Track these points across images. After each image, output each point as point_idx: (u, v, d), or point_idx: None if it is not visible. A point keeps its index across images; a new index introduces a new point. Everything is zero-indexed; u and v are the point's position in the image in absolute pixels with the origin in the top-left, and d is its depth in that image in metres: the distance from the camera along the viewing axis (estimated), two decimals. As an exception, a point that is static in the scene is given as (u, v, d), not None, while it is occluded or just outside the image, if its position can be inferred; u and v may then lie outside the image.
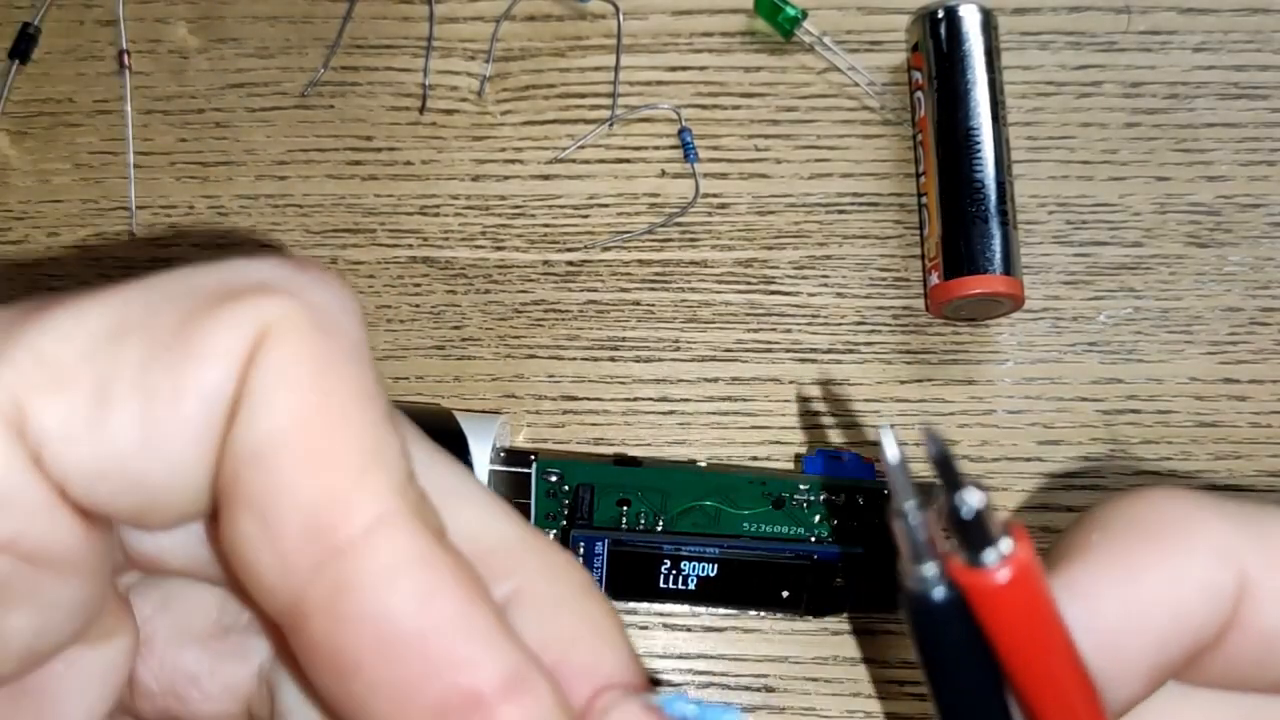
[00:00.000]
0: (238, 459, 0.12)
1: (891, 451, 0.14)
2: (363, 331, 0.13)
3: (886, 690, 0.32)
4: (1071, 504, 0.34)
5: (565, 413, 0.35)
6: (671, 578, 0.30)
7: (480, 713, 0.12)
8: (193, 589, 0.16)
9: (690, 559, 0.30)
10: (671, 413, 0.35)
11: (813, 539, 0.31)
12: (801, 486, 0.31)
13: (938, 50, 0.35)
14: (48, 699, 0.14)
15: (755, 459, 0.34)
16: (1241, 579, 0.15)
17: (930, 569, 0.14)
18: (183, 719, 0.16)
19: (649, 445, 0.34)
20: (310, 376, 0.12)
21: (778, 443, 0.34)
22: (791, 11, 0.37)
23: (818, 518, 0.31)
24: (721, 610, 0.33)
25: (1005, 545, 0.14)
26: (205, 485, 0.13)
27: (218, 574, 0.15)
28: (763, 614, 0.33)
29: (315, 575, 0.12)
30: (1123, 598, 0.15)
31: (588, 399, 0.35)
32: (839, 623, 0.33)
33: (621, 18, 0.38)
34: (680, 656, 0.33)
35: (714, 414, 0.35)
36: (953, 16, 0.35)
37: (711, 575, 0.30)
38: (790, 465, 0.34)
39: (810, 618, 0.32)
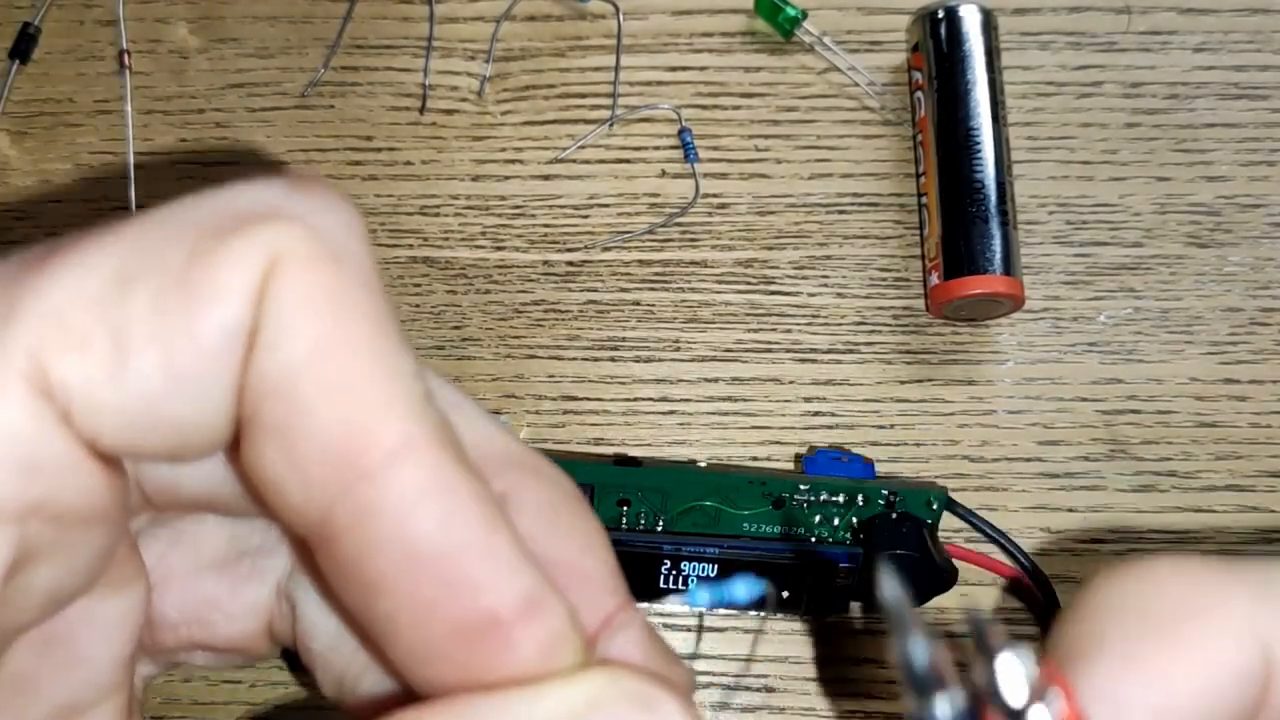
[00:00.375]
0: (258, 390, 0.12)
1: (890, 588, 0.14)
2: (370, 253, 0.13)
3: (886, 690, 0.32)
4: (1072, 504, 0.34)
5: (565, 413, 0.35)
6: (671, 578, 0.30)
7: (498, 633, 0.13)
8: (201, 523, 0.16)
9: (690, 559, 0.30)
10: (671, 413, 0.35)
11: (813, 539, 0.31)
12: (801, 487, 0.31)
13: (938, 50, 0.35)
14: (73, 648, 0.14)
15: (755, 459, 0.34)
16: (1268, 656, 0.14)
17: (942, 709, 0.13)
18: (207, 643, 0.17)
19: (649, 445, 0.34)
20: (325, 304, 0.12)
21: (778, 443, 0.34)
22: (791, 11, 0.37)
23: (818, 518, 0.31)
24: (721, 610, 0.33)
25: (1054, 703, 0.13)
26: (231, 415, 0.13)
27: (230, 503, 0.15)
28: (763, 614, 0.33)
29: (340, 499, 0.12)
30: (1154, 704, 0.14)
31: (588, 399, 0.35)
32: (839, 623, 0.33)
33: (621, 18, 0.38)
34: (680, 656, 0.33)
35: (714, 414, 0.35)
36: (953, 16, 0.35)
37: (711, 576, 0.30)
38: (790, 465, 0.34)
39: (810, 618, 0.32)
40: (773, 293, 0.36)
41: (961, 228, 0.34)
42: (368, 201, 0.37)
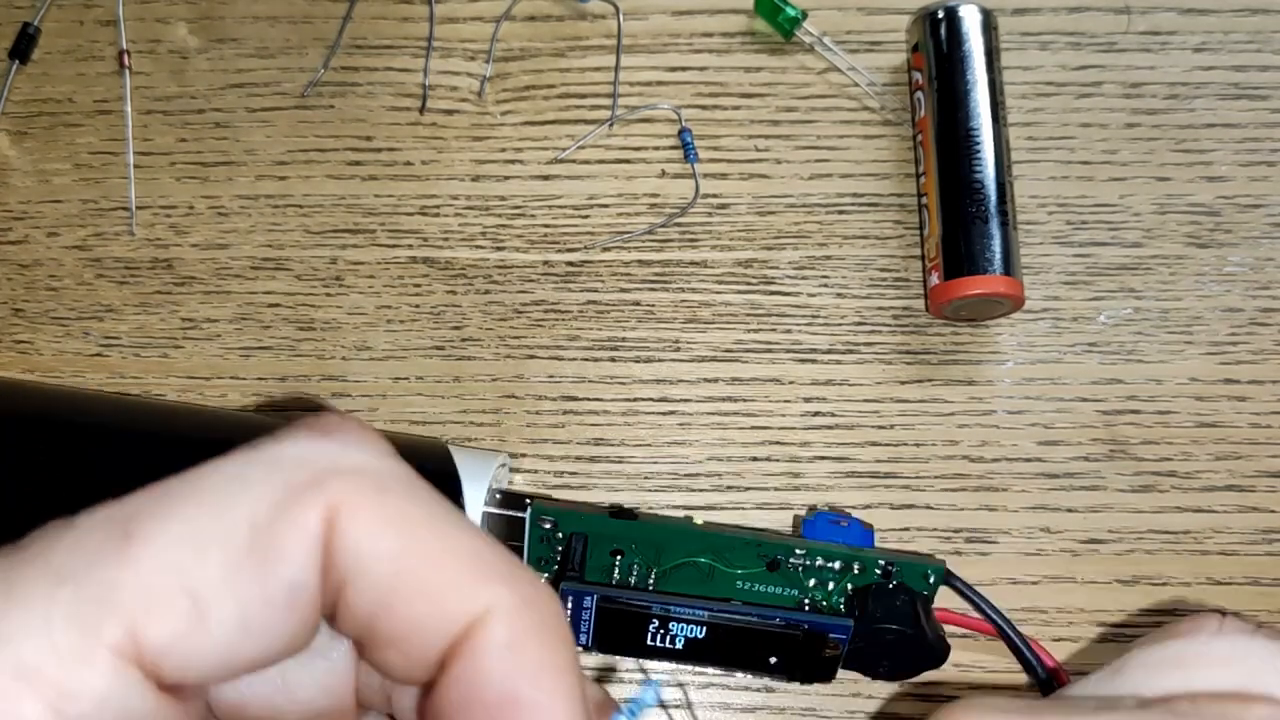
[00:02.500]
0: (362, 618, 0.15)
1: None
2: (398, 461, 0.15)
3: (886, 690, 0.32)
4: (1072, 505, 0.34)
5: (565, 413, 0.35)
6: (659, 636, 0.30)
7: None
8: None
9: (679, 620, 0.29)
10: (671, 413, 0.35)
11: (806, 603, 0.31)
12: (798, 551, 0.30)
13: (938, 50, 0.35)
14: None
15: (755, 459, 0.34)
16: None
17: None
18: None
19: (649, 445, 0.34)
20: (384, 532, 0.14)
21: (778, 443, 0.34)
22: (791, 12, 0.37)
23: (813, 581, 0.31)
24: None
25: None
26: (306, 635, 0.15)
27: (296, 714, 0.17)
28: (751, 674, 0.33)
29: (448, 667, 0.15)
30: None
31: (588, 399, 0.35)
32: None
33: (621, 18, 0.38)
34: (680, 656, 0.33)
35: (714, 414, 0.35)
36: (953, 16, 0.35)
37: (699, 637, 0.29)
38: (790, 466, 0.34)
39: (797, 683, 0.31)
40: (773, 293, 0.36)
41: (961, 228, 0.34)
42: (367, 201, 0.37)
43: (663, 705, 0.32)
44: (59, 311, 0.36)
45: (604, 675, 0.33)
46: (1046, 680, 0.31)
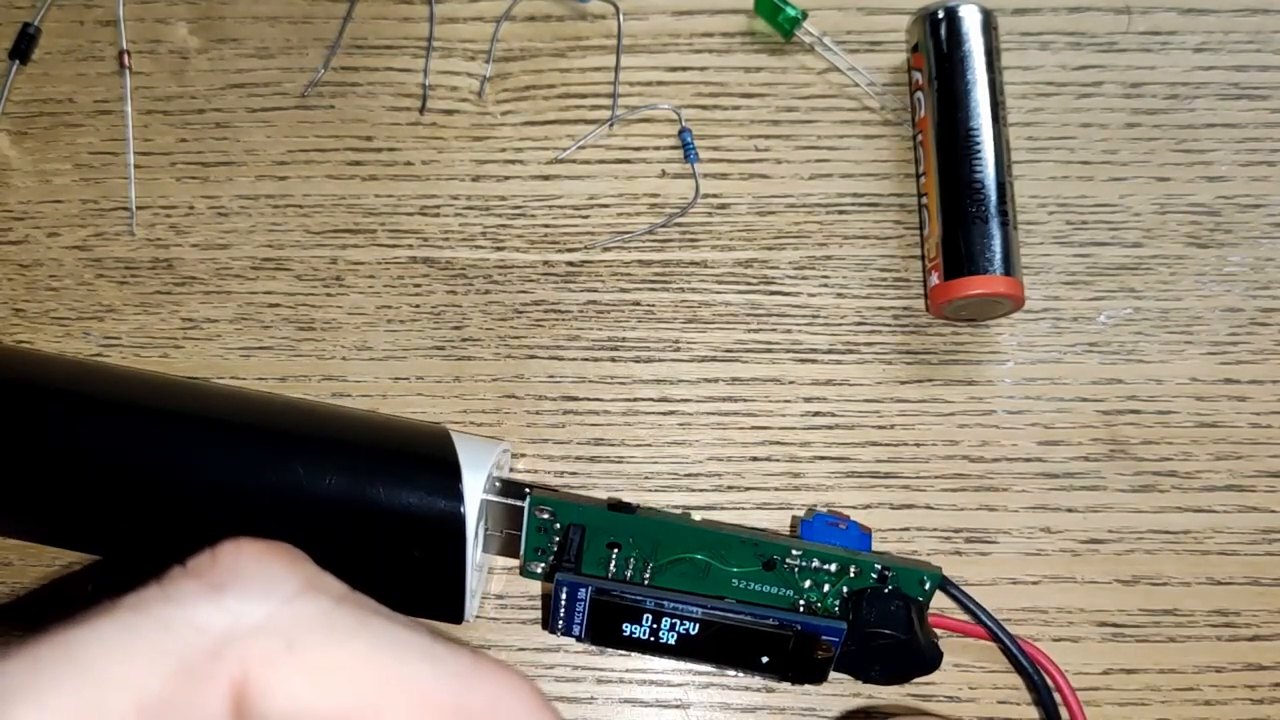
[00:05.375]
0: None
1: None
2: (312, 594, 0.14)
3: (885, 691, 0.32)
4: (1071, 505, 0.34)
5: (565, 413, 0.35)
6: (653, 631, 0.30)
7: None
8: None
9: (673, 616, 0.29)
10: (672, 413, 0.35)
11: (800, 604, 0.31)
12: (794, 552, 0.30)
13: (938, 50, 0.35)
14: None
15: (755, 459, 0.34)
16: None
17: None
18: None
19: (649, 445, 0.34)
20: (318, 689, 0.13)
21: (778, 443, 0.34)
22: (792, 12, 0.37)
23: (808, 583, 0.31)
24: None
25: None
26: None
27: None
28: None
29: None
30: None
31: (588, 399, 0.35)
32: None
33: (621, 18, 0.38)
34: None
35: (714, 414, 0.35)
36: (953, 16, 0.35)
37: (692, 633, 0.29)
38: (789, 467, 0.34)
39: (789, 683, 0.32)
40: (773, 293, 0.36)
41: (961, 228, 0.34)
42: (368, 201, 0.37)
43: None
44: (59, 311, 0.36)
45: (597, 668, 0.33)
46: (1041, 683, 0.31)
